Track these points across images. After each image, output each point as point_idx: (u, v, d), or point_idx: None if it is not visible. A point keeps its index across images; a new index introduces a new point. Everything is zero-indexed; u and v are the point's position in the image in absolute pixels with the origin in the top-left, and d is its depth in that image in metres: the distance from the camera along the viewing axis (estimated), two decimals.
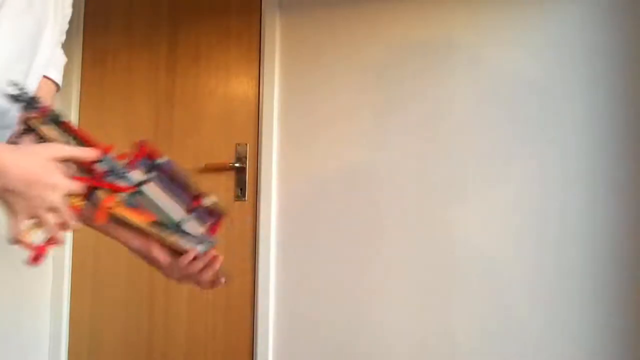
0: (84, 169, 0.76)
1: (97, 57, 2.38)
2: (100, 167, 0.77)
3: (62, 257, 2.29)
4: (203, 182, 2.17)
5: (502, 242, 1.76)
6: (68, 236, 2.31)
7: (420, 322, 1.82)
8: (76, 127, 0.77)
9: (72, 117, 2.30)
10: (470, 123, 1.83)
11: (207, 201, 0.89)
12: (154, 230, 0.86)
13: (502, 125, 1.80)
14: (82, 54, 2.39)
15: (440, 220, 1.83)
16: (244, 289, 2.07)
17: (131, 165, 0.82)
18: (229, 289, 2.09)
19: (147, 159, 0.85)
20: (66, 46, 0.93)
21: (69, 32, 0.95)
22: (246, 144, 2.12)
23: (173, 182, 0.87)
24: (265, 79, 2.09)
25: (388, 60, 1.95)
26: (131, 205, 0.83)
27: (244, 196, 2.10)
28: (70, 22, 0.93)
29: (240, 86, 2.17)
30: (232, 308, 2.08)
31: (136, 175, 0.82)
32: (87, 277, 2.29)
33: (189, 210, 0.88)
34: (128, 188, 0.81)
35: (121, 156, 0.81)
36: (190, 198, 0.88)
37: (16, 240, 0.65)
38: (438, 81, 1.88)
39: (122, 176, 0.80)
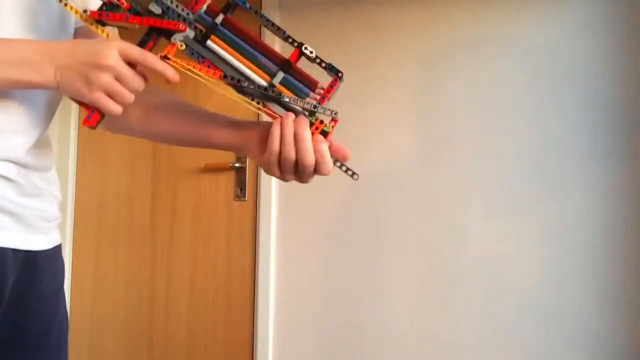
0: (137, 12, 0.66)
1: None
2: (154, 8, 0.66)
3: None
4: (203, 182, 2.17)
5: (502, 245, 1.76)
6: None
7: (420, 323, 1.82)
8: None
9: (72, 117, 2.30)
10: (471, 124, 1.83)
11: (309, 51, 0.68)
12: (231, 90, 0.66)
13: (503, 127, 1.80)
14: None
15: (441, 220, 1.83)
16: (244, 289, 2.07)
17: (192, 9, 0.67)
18: (229, 289, 2.10)
19: (212, 15, 0.68)
20: None
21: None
22: None
23: (250, 39, 0.68)
24: None
25: (388, 61, 1.95)
26: (196, 58, 0.67)
27: (244, 196, 2.10)
28: None
29: None
30: (232, 308, 2.08)
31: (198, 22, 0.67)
32: (87, 277, 2.29)
33: (281, 69, 0.68)
34: (184, 27, 0.65)
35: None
36: (277, 56, 0.68)
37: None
38: (439, 82, 1.88)
39: (179, 16, 0.66)
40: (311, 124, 0.66)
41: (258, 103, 0.68)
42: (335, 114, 0.66)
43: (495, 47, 1.83)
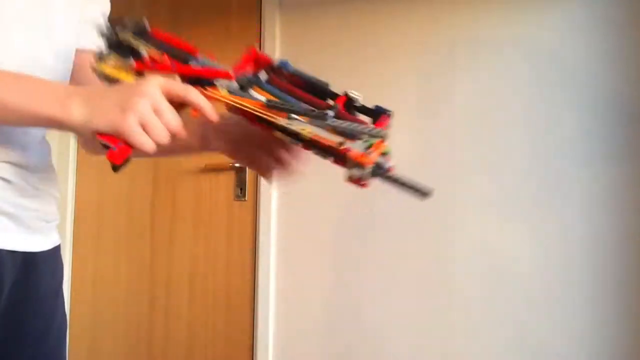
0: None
1: None
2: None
3: (62, 256, 2.28)
4: (203, 182, 2.17)
5: (503, 245, 1.76)
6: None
7: (419, 323, 1.82)
8: (164, 34, 0.68)
9: None
10: (470, 122, 1.83)
11: (354, 95, 0.65)
12: (281, 118, 0.60)
13: (504, 127, 1.80)
14: None
15: (441, 220, 1.83)
16: (244, 289, 2.07)
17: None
18: (229, 289, 2.10)
19: (253, 73, 0.67)
20: None
21: None
22: None
23: (295, 94, 0.66)
24: None
25: (388, 60, 1.95)
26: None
27: (244, 196, 2.10)
28: None
29: None
30: (232, 308, 2.08)
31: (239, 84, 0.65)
32: (87, 277, 2.29)
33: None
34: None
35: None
36: (323, 102, 0.64)
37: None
38: (439, 80, 1.88)
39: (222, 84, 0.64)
40: (370, 146, 0.59)
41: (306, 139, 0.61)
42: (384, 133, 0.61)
43: (496, 47, 1.83)
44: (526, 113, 1.78)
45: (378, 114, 0.66)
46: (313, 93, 0.66)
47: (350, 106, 0.66)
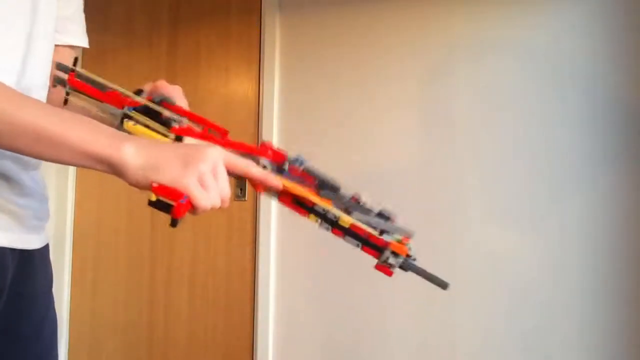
0: None
1: (97, 57, 2.38)
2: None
3: (62, 256, 2.29)
4: None
5: (504, 243, 1.76)
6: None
7: (420, 323, 1.82)
8: (183, 110, 0.70)
9: None
10: (469, 122, 1.83)
11: (363, 200, 0.70)
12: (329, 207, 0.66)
13: (503, 125, 1.80)
14: (82, 53, 2.38)
15: (442, 219, 1.83)
16: (244, 289, 2.07)
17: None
18: (229, 289, 2.10)
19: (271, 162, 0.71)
20: None
21: None
22: None
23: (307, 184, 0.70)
24: (265, 79, 2.09)
25: (387, 60, 1.95)
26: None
27: (244, 196, 2.10)
28: None
29: (240, 86, 2.17)
30: (232, 308, 2.08)
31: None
32: (87, 277, 2.29)
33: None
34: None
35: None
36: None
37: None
38: (439, 81, 1.88)
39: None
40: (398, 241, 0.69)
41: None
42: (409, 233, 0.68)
43: (495, 48, 1.83)
44: (526, 114, 1.78)
45: (382, 217, 0.72)
46: (325, 189, 0.70)
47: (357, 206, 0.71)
